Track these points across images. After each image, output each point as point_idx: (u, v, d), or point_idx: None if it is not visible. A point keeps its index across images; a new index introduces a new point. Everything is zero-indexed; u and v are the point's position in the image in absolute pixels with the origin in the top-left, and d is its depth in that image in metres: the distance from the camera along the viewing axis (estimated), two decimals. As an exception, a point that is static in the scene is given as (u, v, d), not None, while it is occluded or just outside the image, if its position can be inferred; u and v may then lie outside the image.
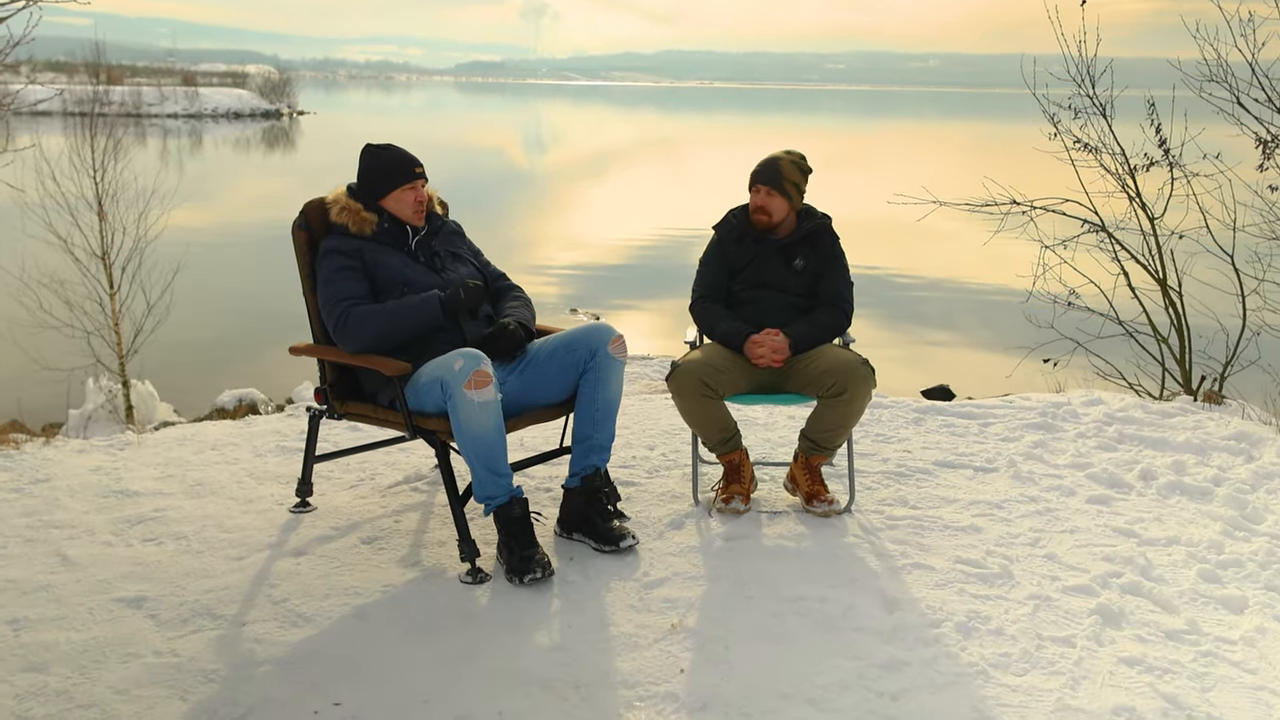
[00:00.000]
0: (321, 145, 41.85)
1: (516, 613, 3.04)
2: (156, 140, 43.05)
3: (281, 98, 64.84)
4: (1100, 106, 6.39)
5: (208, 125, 53.48)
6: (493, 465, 3.20)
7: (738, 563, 3.37)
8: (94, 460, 4.41)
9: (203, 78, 78.73)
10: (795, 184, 3.87)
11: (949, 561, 3.38)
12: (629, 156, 38.41)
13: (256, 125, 54.48)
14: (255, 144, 42.71)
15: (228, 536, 3.60)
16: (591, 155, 41.00)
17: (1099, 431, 4.83)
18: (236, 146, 40.94)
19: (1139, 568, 3.37)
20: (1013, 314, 7.08)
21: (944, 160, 33.25)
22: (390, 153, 3.61)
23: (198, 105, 59.67)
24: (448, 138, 49.11)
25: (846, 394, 3.57)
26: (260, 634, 2.93)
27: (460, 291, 3.42)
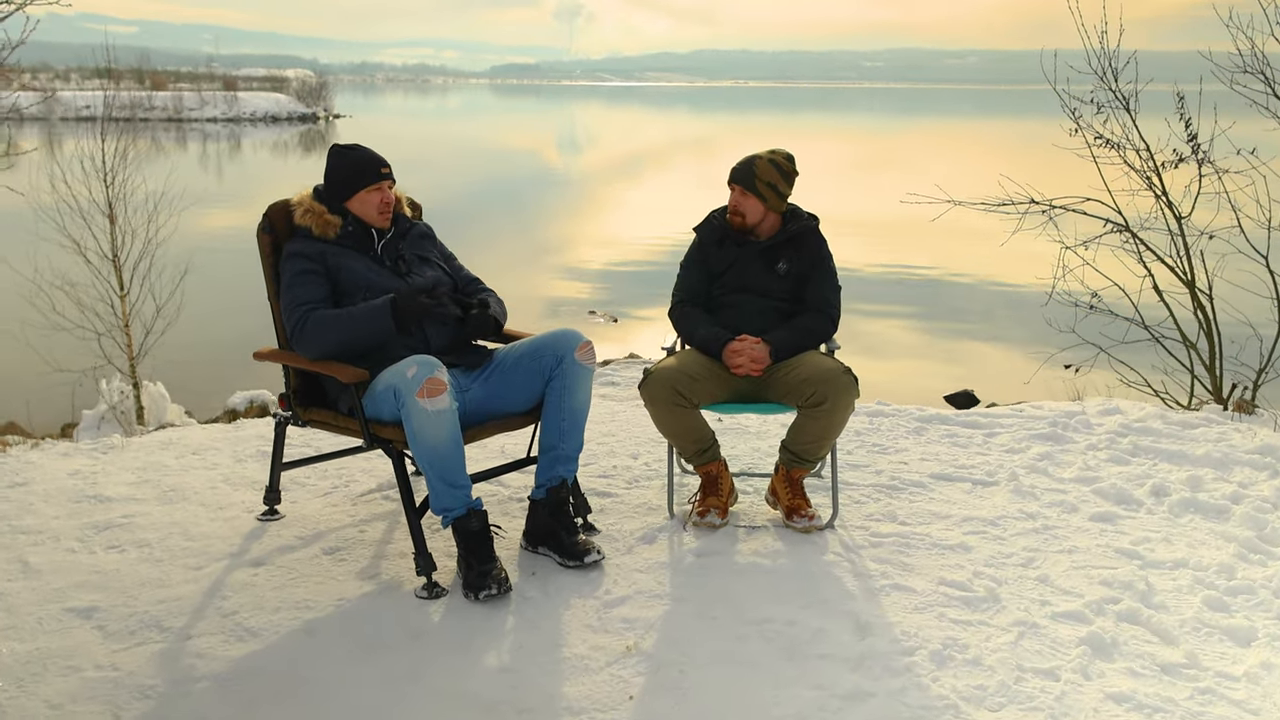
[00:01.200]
0: (357, 147, 42.02)
1: (468, 631, 2.91)
2: (196, 144, 43.62)
3: (318, 101, 65.42)
4: (1123, 100, 6.15)
5: (245, 129, 54.06)
6: (448, 476, 3.07)
7: (706, 581, 3.21)
8: (75, 464, 4.34)
9: (243, 82, 79.70)
10: (770, 184, 3.70)
11: (931, 583, 3.20)
12: (662, 157, 38.25)
13: (293, 129, 54.98)
14: (290, 147, 43.06)
15: (190, 545, 3.50)
16: (625, 156, 40.90)
17: (1112, 443, 4.61)
18: (273, 150, 41.29)
19: (1139, 593, 3.16)
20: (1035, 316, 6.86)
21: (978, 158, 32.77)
22: (356, 153, 3.49)
23: (236, 109, 60.42)
24: (482, 140, 49.33)
25: (827, 404, 3.40)
26: (204, 648, 2.82)
27: (413, 295, 3.28)
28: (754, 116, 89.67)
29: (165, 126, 54.25)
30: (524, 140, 50.92)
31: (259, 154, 39.66)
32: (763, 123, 73.58)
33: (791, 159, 3.81)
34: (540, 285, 13.48)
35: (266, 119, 60.55)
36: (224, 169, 32.99)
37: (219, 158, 37.32)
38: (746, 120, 79.07)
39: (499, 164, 36.11)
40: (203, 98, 61.50)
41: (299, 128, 56.22)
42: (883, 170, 31.34)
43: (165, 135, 48.03)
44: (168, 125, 55.23)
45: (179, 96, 60.96)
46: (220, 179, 28.41)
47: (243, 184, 26.12)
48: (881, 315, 11.98)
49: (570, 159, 39.70)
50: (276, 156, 38.34)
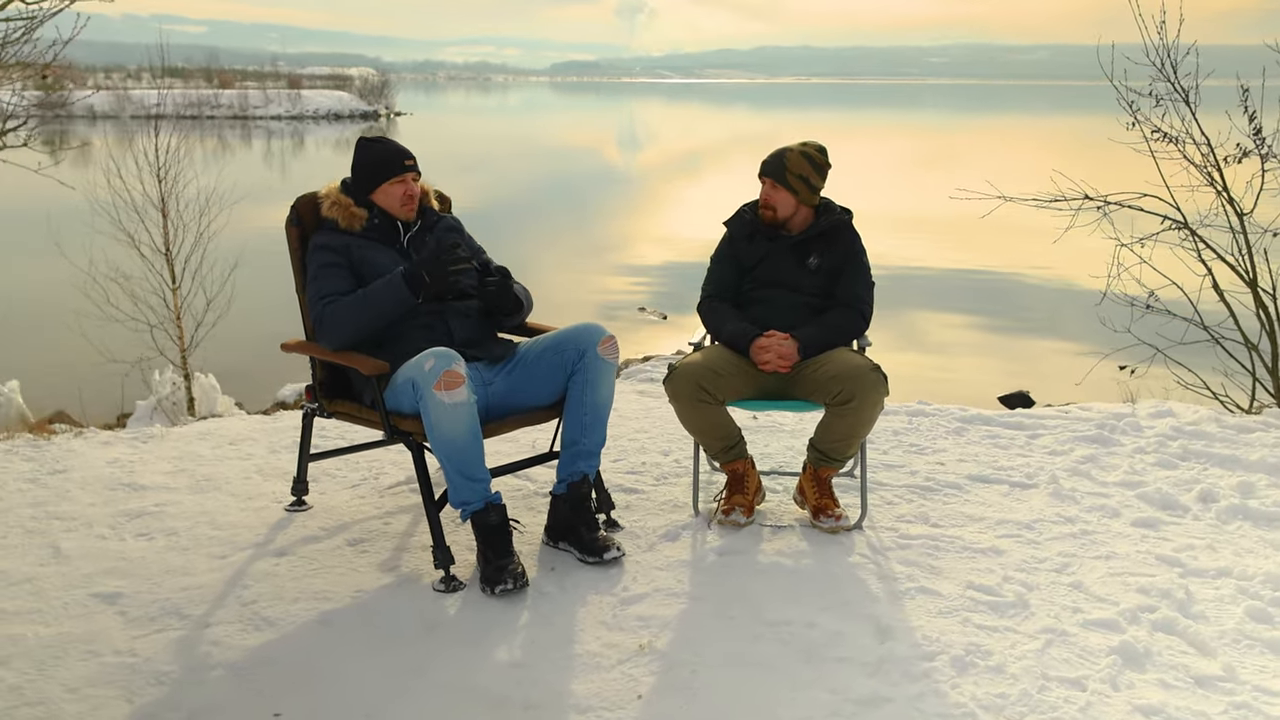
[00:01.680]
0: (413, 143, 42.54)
1: (482, 625, 2.88)
2: (260, 141, 44.43)
3: (380, 99, 66.25)
4: (1183, 93, 5.95)
5: (309, 126, 54.93)
6: (466, 470, 3.05)
7: (726, 580, 3.15)
8: (115, 453, 4.41)
9: (307, 81, 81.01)
10: (802, 177, 3.63)
11: (959, 587, 3.11)
12: (721, 154, 38.09)
13: (355, 126, 55.71)
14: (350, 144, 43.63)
15: (217, 534, 3.53)
16: (683, 153, 40.82)
17: (1160, 446, 4.46)
18: (334, 147, 41.86)
19: (1177, 602, 3.04)
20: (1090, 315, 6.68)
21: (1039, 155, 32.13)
22: (380, 145, 3.49)
23: (300, 107, 61.42)
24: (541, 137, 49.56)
25: (854, 401, 3.32)
26: (221, 636, 2.84)
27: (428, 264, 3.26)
28: (814, 113, 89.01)
29: (230, 124, 55.34)
30: (583, 138, 51.06)
31: (321, 151, 40.26)
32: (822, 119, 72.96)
33: (824, 151, 3.74)
34: (595, 282, 13.49)
35: (329, 116, 61.47)
36: (287, 165, 33.54)
37: (282, 154, 37.97)
38: (806, 117, 78.49)
39: (558, 161, 36.24)
40: (267, 96, 62.66)
41: (361, 125, 56.95)
42: (940, 166, 30.87)
43: (230, 132, 49.01)
44: (233, 123, 56.34)
45: (244, 94, 62.16)
46: (283, 175, 28.83)
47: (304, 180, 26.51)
48: (934, 312, 11.80)
49: (629, 156, 39.72)
50: (338, 153, 38.87)
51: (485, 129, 58.90)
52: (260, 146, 41.41)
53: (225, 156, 35.00)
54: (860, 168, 30.23)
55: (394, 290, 3.24)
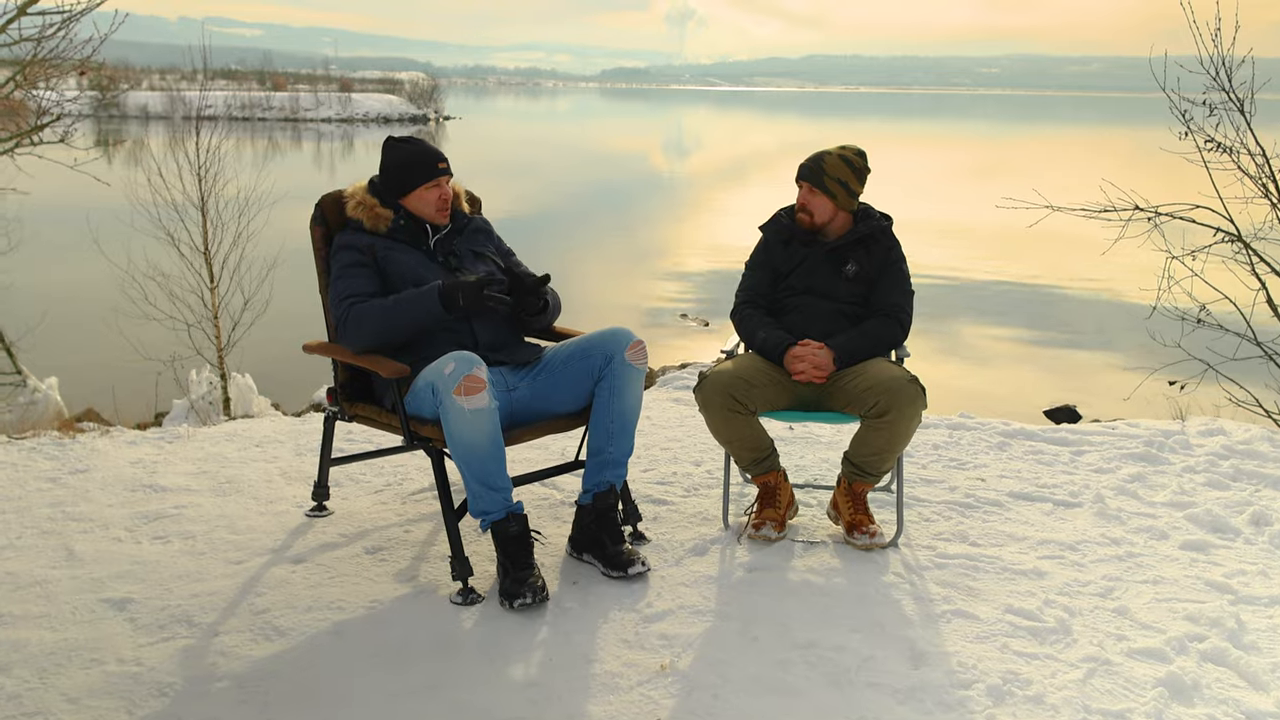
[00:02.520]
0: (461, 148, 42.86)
1: (498, 641, 2.79)
2: (310, 142, 44.92)
3: (429, 103, 66.79)
4: (1238, 102, 5.75)
5: (358, 129, 55.50)
6: (487, 479, 2.96)
7: (753, 598, 3.03)
8: (139, 453, 4.38)
9: (359, 85, 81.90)
10: (841, 181, 3.50)
11: (998, 610, 2.97)
12: (768, 162, 37.90)
13: (403, 130, 56.11)
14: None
15: (235, 539, 3.47)
16: (731, 160, 40.70)
17: (1211, 466, 4.28)
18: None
19: (1228, 631, 2.87)
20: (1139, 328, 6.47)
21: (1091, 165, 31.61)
22: (412, 147, 3.41)
23: (350, 110, 62.09)
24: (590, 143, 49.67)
25: (890, 414, 3.19)
26: (229, 646, 2.76)
27: (465, 282, 3.18)
28: (863, 122, 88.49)
29: (281, 126, 56.05)
30: (632, 144, 51.12)
31: (370, 153, 40.58)
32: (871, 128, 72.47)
33: (863, 155, 3.61)
34: (639, 288, 13.43)
35: (379, 120, 62.10)
36: (335, 166, 33.83)
37: (330, 156, 38.32)
38: (855, 126, 78.03)
39: (605, 167, 36.28)
40: (318, 98, 63.41)
41: (409, 129, 57.43)
42: (989, 176, 30.48)
43: (281, 134, 49.62)
44: (284, 124, 57.04)
45: (295, 97, 62.98)
46: (331, 176, 29.01)
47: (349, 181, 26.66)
48: (980, 323, 11.59)
49: (677, 163, 39.69)
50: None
51: (533, 134, 59.18)
52: (310, 148, 41.88)
53: (274, 157, 35.41)
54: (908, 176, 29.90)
55: (427, 301, 3.15)
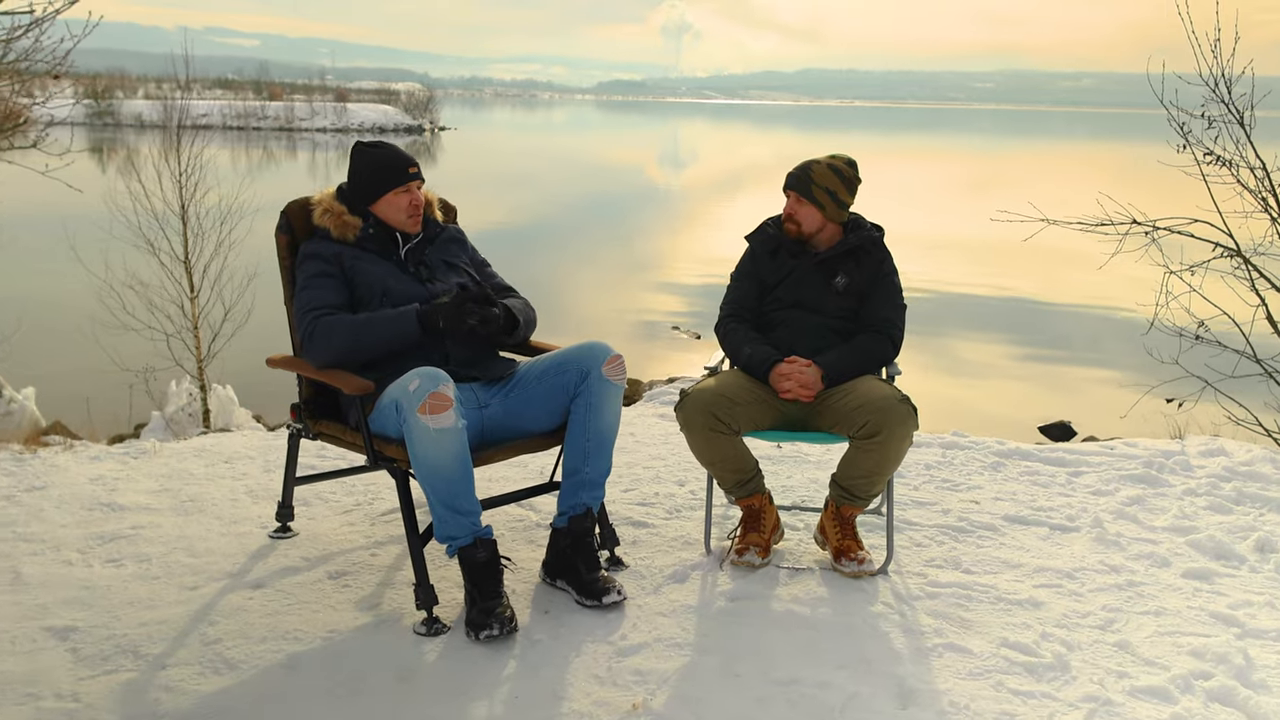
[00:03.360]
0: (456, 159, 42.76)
1: (461, 676, 2.62)
2: (305, 152, 44.79)
3: (424, 114, 66.75)
4: (1237, 114, 5.62)
5: (353, 139, 55.28)
6: (453, 502, 2.79)
7: (735, 630, 2.87)
8: (101, 469, 4.21)
9: (355, 95, 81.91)
10: (830, 191, 3.36)
11: (992, 644, 2.81)
12: (763, 175, 37.83)
13: (398, 140, 55.88)
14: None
15: (192, 562, 3.30)
16: (726, 173, 40.62)
17: (1213, 488, 4.13)
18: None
19: (1235, 668, 2.72)
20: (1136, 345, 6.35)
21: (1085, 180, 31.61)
22: (382, 151, 3.26)
23: (345, 120, 62.03)
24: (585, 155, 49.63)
25: (880, 435, 3.04)
26: (175, 680, 2.59)
27: (444, 304, 3.03)
28: (858, 135, 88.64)
29: (276, 135, 55.90)
30: (627, 156, 51.09)
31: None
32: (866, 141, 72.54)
33: (854, 164, 3.47)
34: (631, 299, 13.28)
35: (374, 129, 61.95)
36: (330, 176, 33.66)
37: (325, 165, 38.15)
38: (850, 139, 78.13)
39: (601, 179, 36.21)
40: (313, 108, 63.34)
41: (404, 139, 57.33)
42: (983, 190, 30.44)
43: (276, 143, 49.47)
44: (279, 134, 56.90)
45: (290, 107, 62.88)
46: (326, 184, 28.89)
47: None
48: (976, 339, 11.47)
49: (672, 175, 39.62)
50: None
51: (529, 145, 59.10)
52: (304, 158, 41.74)
53: (268, 166, 35.30)
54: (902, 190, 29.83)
55: (403, 323, 3.00)
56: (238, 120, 60.16)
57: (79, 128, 52.13)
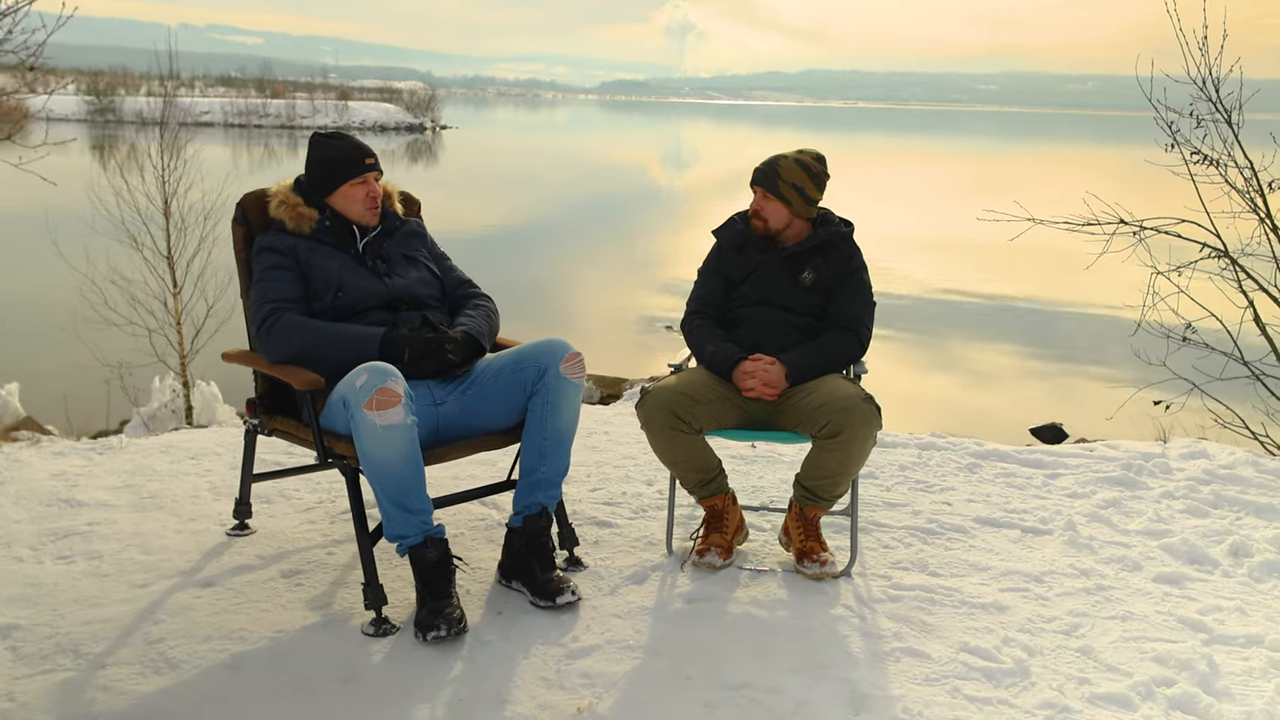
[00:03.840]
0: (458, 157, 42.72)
1: (406, 677, 2.57)
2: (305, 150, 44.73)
3: (426, 112, 66.71)
4: (1225, 113, 5.56)
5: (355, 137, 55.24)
6: (402, 500, 2.74)
7: (688, 632, 2.81)
8: (64, 465, 4.16)
9: (359, 93, 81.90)
10: (796, 187, 3.30)
11: (952, 649, 2.75)
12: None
13: (400, 138, 56.07)
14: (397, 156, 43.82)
15: (144, 559, 3.24)
16: (728, 173, 40.50)
17: (1191, 491, 4.07)
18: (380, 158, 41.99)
19: (1199, 675, 2.66)
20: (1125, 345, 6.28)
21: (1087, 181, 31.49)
22: (338, 143, 3.21)
23: (346, 118, 62.01)
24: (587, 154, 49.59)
25: (843, 435, 2.98)
26: (114, 680, 2.54)
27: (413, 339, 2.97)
28: (861, 136, 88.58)
29: (278, 133, 55.82)
30: (629, 155, 51.04)
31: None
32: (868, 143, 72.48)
33: (822, 159, 3.41)
34: (629, 298, 13.24)
35: (375, 128, 61.97)
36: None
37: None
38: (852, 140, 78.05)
39: (603, 178, 36.17)
40: (314, 106, 63.35)
41: (406, 137, 57.31)
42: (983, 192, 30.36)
43: (276, 141, 49.41)
44: (280, 131, 56.82)
45: (292, 104, 62.88)
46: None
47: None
48: (968, 338, 11.42)
49: (674, 175, 39.58)
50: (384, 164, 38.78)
51: (530, 144, 59.07)
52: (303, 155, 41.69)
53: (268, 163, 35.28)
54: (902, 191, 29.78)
55: (364, 346, 2.94)
56: (239, 118, 60.14)
57: (81, 124, 52.13)
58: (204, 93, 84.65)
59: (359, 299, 3.08)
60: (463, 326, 3.16)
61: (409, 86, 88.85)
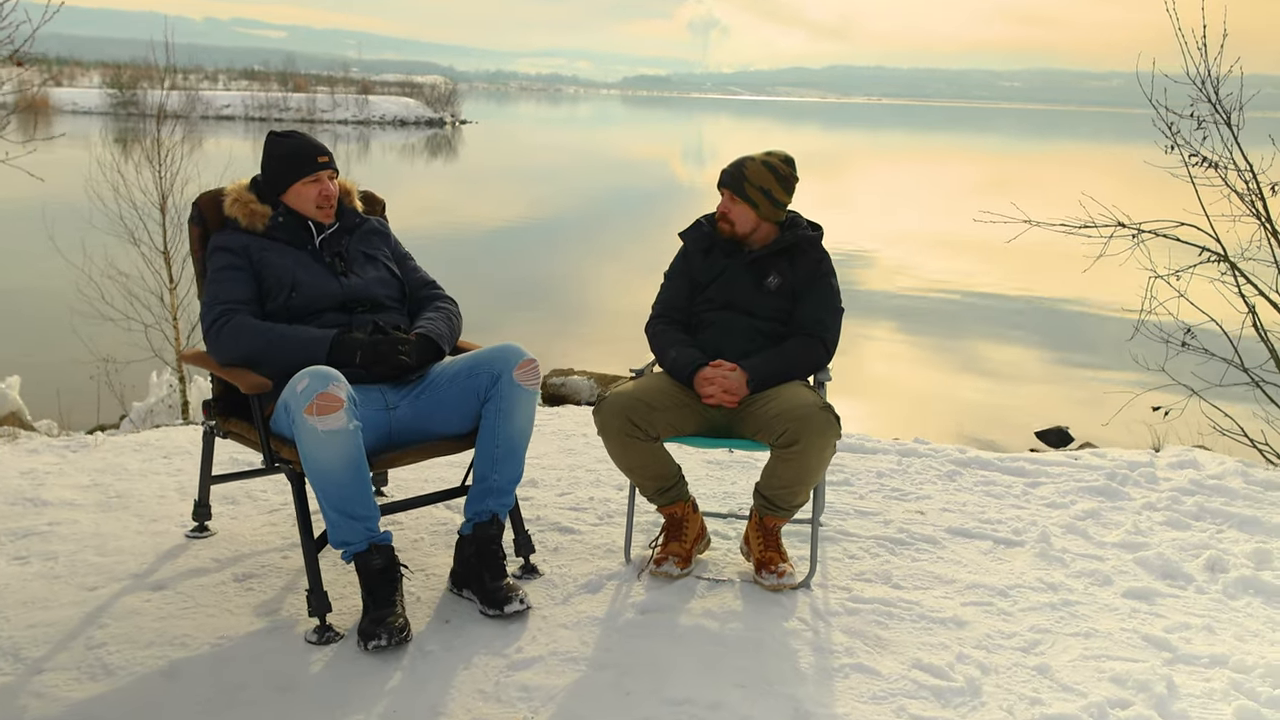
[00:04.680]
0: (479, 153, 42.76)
1: (343, 687, 2.53)
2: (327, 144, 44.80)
3: (446, 107, 66.79)
4: (1224, 114, 5.45)
5: (375, 131, 55.47)
6: (345, 506, 2.70)
7: (636, 645, 2.75)
8: (35, 462, 4.14)
9: (380, 87, 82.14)
10: (764, 190, 3.23)
11: (903, 665, 2.69)
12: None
13: (420, 133, 56.16)
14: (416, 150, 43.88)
15: (99, 561, 3.22)
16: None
17: (1174, 503, 3.98)
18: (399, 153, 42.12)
19: (1156, 698, 2.58)
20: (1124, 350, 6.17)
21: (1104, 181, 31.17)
22: (291, 141, 3.18)
23: (366, 112, 62.18)
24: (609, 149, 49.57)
25: (799, 444, 2.91)
26: (47, 686, 2.51)
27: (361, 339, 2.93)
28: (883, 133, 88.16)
29: (298, 127, 55.92)
30: (651, 151, 50.96)
31: (384, 155, 40.50)
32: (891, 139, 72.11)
33: (790, 162, 3.34)
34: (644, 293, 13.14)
35: (395, 123, 62.12)
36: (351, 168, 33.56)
37: (346, 158, 38.12)
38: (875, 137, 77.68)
39: (624, 174, 36.11)
40: (335, 100, 63.54)
41: (426, 132, 57.39)
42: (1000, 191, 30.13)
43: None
44: (301, 126, 56.96)
45: (312, 98, 63.12)
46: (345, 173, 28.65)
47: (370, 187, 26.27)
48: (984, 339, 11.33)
49: (695, 170, 39.47)
50: (401, 159, 38.99)
51: (550, 140, 59.06)
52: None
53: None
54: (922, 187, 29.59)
55: (314, 349, 2.91)
56: (260, 111, 60.37)
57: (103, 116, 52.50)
58: (227, 86, 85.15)
59: (313, 299, 3.04)
60: (420, 329, 3.12)
61: (430, 81, 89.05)
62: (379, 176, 31.04)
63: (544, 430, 4.73)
